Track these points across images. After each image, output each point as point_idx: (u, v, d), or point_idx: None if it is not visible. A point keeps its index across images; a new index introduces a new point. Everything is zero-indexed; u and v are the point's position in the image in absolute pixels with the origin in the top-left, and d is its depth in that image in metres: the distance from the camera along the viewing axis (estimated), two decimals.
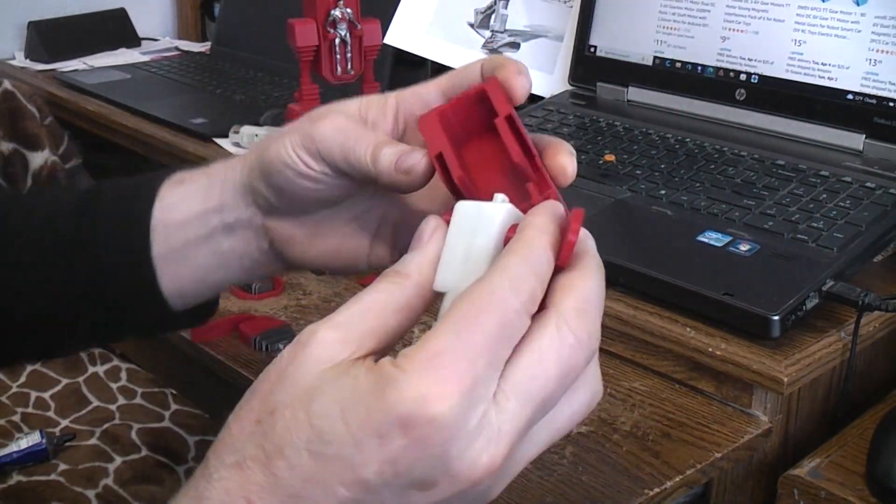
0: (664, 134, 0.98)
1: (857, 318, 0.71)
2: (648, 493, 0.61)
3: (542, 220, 0.39)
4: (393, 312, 0.39)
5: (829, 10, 0.92)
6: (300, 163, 0.48)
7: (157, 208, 0.53)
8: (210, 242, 0.54)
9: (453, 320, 0.35)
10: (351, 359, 0.37)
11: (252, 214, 0.53)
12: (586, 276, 0.38)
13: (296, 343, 0.38)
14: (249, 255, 0.54)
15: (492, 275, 0.37)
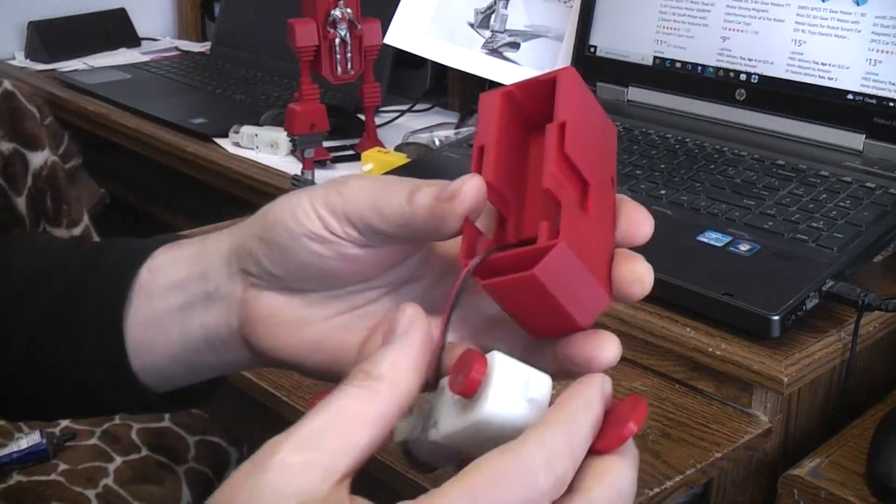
0: (664, 134, 0.98)
1: (857, 318, 0.71)
2: (648, 493, 0.61)
3: (590, 394, 0.35)
4: (366, 426, 0.33)
5: (829, 10, 0.92)
6: (317, 220, 0.41)
7: (144, 270, 0.47)
8: (186, 313, 0.46)
9: (472, 482, 0.31)
10: (321, 491, 0.31)
11: (234, 284, 0.45)
12: (623, 465, 0.34)
13: (254, 463, 0.32)
14: (218, 334, 0.46)
15: (526, 443, 0.32)
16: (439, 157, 1.04)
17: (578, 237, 0.35)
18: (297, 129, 0.95)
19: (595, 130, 0.39)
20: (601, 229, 0.38)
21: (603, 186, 0.39)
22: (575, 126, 0.37)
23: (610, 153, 0.41)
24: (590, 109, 0.40)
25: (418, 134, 1.18)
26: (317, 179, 0.97)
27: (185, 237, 0.49)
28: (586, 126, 0.38)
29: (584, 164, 0.37)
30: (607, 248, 0.38)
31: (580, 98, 0.38)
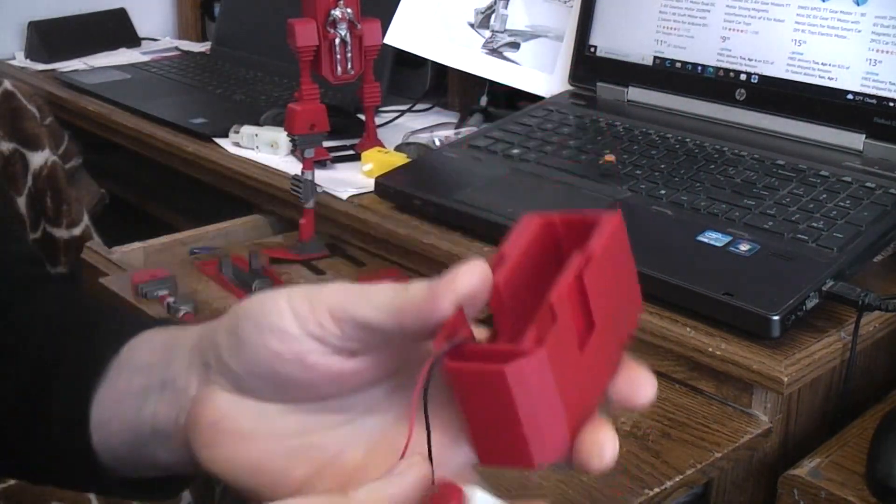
0: (664, 134, 0.98)
1: (857, 318, 0.71)
2: (648, 493, 0.61)
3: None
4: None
5: (829, 10, 0.92)
6: (288, 315, 0.38)
7: (126, 347, 0.46)
8: (143, 398, 0.44)
9: None
10: None
11: (191, 376, 0.42)
12: None
13: None
14: (166, 427, 0.43)
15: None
16: (439, 157, 1.04)
17: (563, 362, 0.33)
18: (297, 129, 0.95)
19: (620, 287, 0.38)
20: (591, 378, 0.35)
21: (608, 338, 0.36)
22: (601, 265, 0.35)
23: (627, 319, 0.38)
24: (623, 265, 0.38)
25: (418, 134, 1.18)
26: (317, 179, 0.97)
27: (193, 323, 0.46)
28: (613, 275, 0.37)
29: (597, 305, 0.35)
30: (589, 402, 0.35)
31: (618, 247, 0.37)
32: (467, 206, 0.89)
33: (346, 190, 1.02)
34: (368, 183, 1.02)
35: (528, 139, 1.01)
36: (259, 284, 0.89)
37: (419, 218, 0.94)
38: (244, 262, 0.94)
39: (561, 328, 0.33)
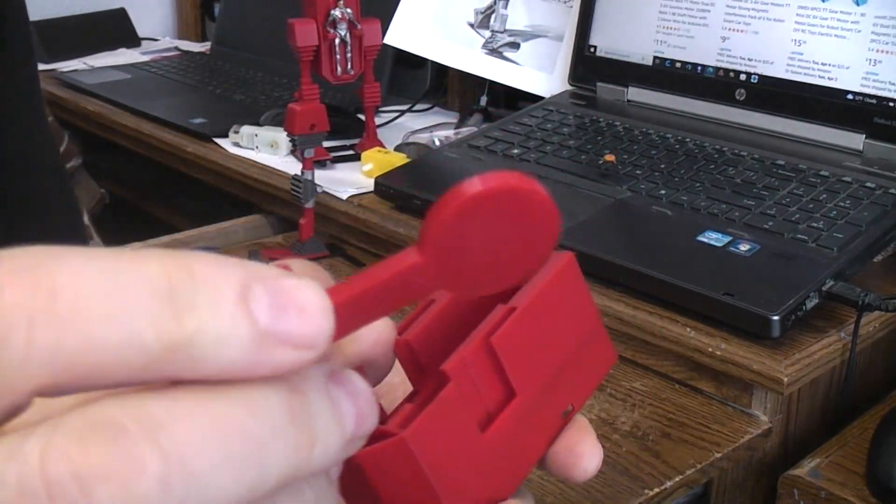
0: (664, 134, 0.98)
1: (857, 318, 0.71)
2: (648, 493, 0.61)
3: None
4: None
5: (829, 10, 0.92)
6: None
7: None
8: None
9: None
10: None
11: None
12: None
13: None
14: None
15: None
16: (439, 156, 1.04)
17: (445, 442, 0.27)
18: (297, 129, 0.95)
19: (569, 337, 0.31)
20: (503, 458, 0.29)
21: (544, 404, 0.30)
22: (529, 318, 0.29)
23: (584, 377, 0.32)
24: (574, 309, 0.31)
25: (418, 134, 1.18)
26: (317, 179, 0.97)
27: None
28: (552, 325, 0.30)
29: (519, 370, 0.29)
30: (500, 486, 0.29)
31: (565, 293, 0.30)
32: None
33: (346, 190, 1.02)
34: (368, 183, 1.02)
35: (528, 139, 1.01)
36: None
37: (419, 218, 0.94)
38: None
39: (449, 404, 0.27)
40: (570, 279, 0.31)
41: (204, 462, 0.16)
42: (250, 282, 0.17)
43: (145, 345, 0.16)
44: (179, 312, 0.16)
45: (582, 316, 0.31)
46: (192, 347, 0.16)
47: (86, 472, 0.15)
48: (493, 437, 0.28)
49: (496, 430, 0.28)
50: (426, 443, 0.26)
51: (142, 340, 0.16)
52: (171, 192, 1.43)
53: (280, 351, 0.17)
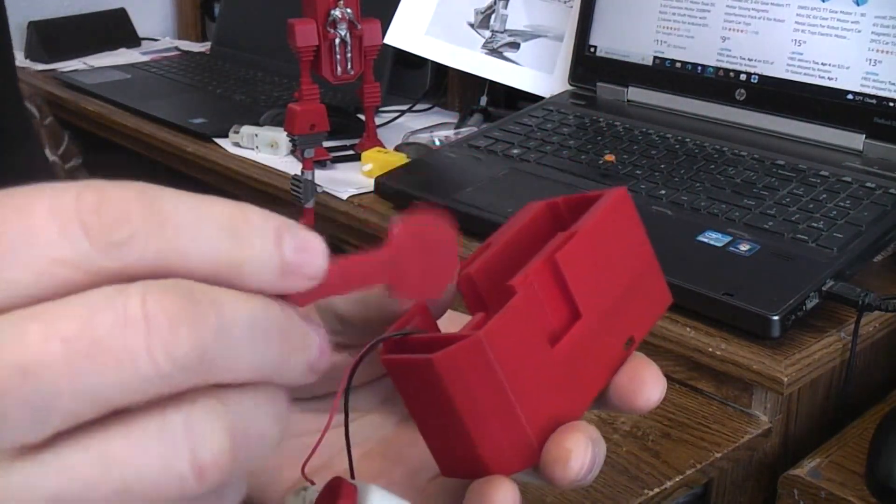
0: (664, 134, 0.98)
1: (857, 318, 0.71)
2: (648, 493, 0.61)
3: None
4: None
5: (829, 10, 0.92)
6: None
7: None
8: None
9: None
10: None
11: None
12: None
13: None
14: None
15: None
16: (439, 156, 1.04)
17: (523, 353, 0.28)
18: (297, 129, 0.95)
19: (626, 270, 0.32)
20: (573, 375, 0.30)
21: (606, 330, 0.31)
22: (591, 244, 0.30)
23: (642, 310, 0.33)
24: (630, 245, 0.32)
25: (418, 134, 1.18)
26: (317, 179, 0.97)
27: None
28: (612, 255, 0.31)
29: (583, 291, 0.30)
30: (568, 403, 0.30)
31: (620, 225, 0.32)
32: (467, 206, 0.89)
33: (346, 190, 1.02)
34: (368, 183, 1.02)
35: (528, 139, 1.01)
36: None
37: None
38: None
39: (519, 313, 0.28)
40: (623, 210, 0.32)
41: (238, 314, 0.22)
42: (282, 229, 0.24)
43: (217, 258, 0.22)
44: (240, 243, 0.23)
45: (637, 247, 0.33)
46: (244, 266, 0.23)
47: (171, 313, 0.20)
48: (561, 353, 0.29)
49: (564, 346, 0.29)
50: (500, 346, 0.27)
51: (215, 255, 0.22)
52: None
53: (294, 277, 0.24)
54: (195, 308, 0.21)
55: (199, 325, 0.21)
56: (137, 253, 0.21)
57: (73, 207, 0.21)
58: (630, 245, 0.32)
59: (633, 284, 0.32)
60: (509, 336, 0.28)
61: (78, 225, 0.21)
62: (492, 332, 0.27)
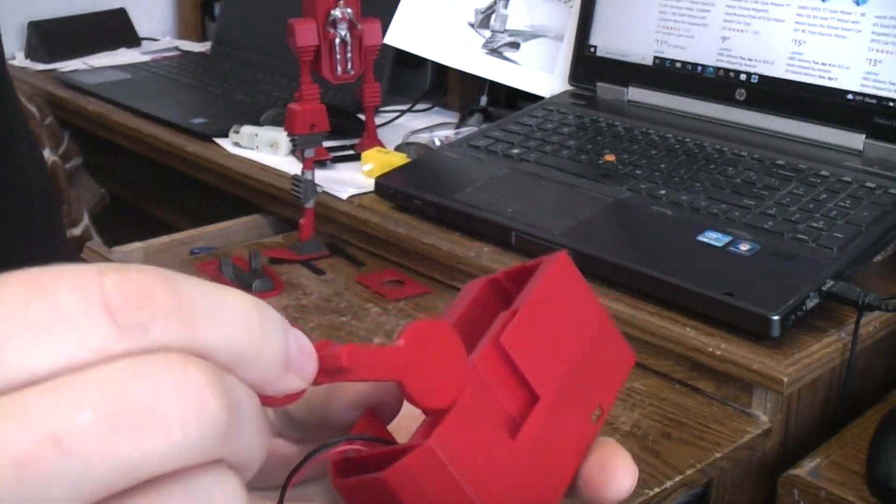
0: (664, 134, 0.98)
1: (857, 318, 0.71)
2: (648, 493, 0.61)
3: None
4: None
5: (829, 10, 0.92)
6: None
7: None
8: None
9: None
10: None
11: None
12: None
13: None
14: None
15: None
16: (439, 156, 1.04)
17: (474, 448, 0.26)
18: (297, 129, 0.95)
19: (580, 336, 0.30)
20: (539, 467, 0.28)
21: (570, 407, 0.29)
22: (533, 317, 0.28)
23: (604, 379, 0.31)
24: (578, 307, 0.30)
25: (418, 134, 1.18)
26: (317, 179, 0.97)
27: None
28: (559, 324, 0.29)
29: (536, 371, 0.28)
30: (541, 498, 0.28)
31: (565, 290, 0.30)
32: (467, 206, 0.89)
33: (346, 190, 1.02)
34: (368, 183, 1.02)
35: (528, 139, 1.01)
36: (259, 284, 0.89)
37: (419, 218, 0.94)
38: (244, 262, 0.94)
39: (469, 409, 0.26)
40: (566, 276, 0.30)
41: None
42: (287, 326, 0.24)
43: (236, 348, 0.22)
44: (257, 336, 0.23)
45: (587, 313, 0.31)
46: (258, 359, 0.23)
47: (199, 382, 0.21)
48: (523, 442, 0.27)
49: (525, 434, 0.27)
50: (454, 448, 0.25)
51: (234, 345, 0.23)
52: (171, 192, 1.43)
53: (293, 376, 0.24)
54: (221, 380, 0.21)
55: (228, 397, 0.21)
56: (160, 336, 0.21)
57: (96, 288, 0.21)
58: (578, 311, 0.30)
59: (590, 351, 0.30)
60: (463, 436, 0.26)
61: (101, 306, 0.21)
62: (443, 436, 0.25)
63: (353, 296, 0.90)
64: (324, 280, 0.93)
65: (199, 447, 0.21)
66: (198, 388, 0.21)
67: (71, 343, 0.20)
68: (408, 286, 0.92)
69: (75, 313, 0.21)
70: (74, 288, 0.21)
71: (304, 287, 0.92)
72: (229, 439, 0.21)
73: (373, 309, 0.87)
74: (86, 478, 0.20)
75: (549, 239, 0.82)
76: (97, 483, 0.20)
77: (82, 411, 0.20)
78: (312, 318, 0.85)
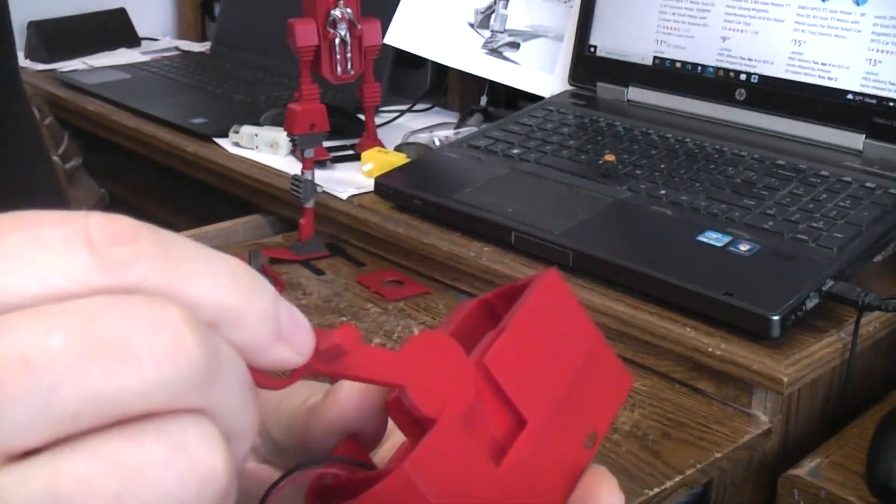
0: (664, 134, 0.98)
1: (857, 318, 0.71)
2: (648, 493, 0.61)
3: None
4: None
5: (829, 10, 0.92)
6: None
7: None
8: None
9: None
10: None
11: None
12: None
13: None
14: None
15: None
16: (439, 157, 1.04)
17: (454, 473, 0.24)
18: (297, 129, 0.95)
19: (571, 358, 0.28)
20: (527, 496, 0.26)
21: (558, 436, 0.27)
22: (520, 337, 0.27)
23: (600, 405, 0.29)
24: (569, 327, 0.29)
25: (418, 134, 1.18)
26: (317, 179, 0.97)
27: None
28: (549, 344, 0.28)
29: (523, 393, 0.26)
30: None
31: (555, 309, 0.28)
32: (467, 206, 0.89)
33: (346, 190, 1.02)
34: (368, 183, 1.02)
35: (528, 139, 1.01)
36: None
37: (419, 218, 0.94)
38: (244, 262, 0.94)
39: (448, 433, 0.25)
40: (556, 294, 0.29)
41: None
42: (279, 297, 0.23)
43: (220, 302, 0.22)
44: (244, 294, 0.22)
45: (579, 332, 0.29)
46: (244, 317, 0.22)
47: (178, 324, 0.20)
48: (509, 469, 0.26)
49: (511, 460, 0.26)
50: (430, 474, 0.24)
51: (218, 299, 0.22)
52: (171, 192, 1.43)
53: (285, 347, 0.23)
54: (201, 326, 0.21)
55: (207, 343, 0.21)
56: (141, 275, 0.21)
57: (80, 223, 0.21)
58: (569, 330, 0.29)
59: (583, 373, 0.28)
60: (441, 460, 0.24)
61: (83, 238, 0.20)
62: (419, 461, 0.24)
63: (353, 296, 0.90)
64: (324, 280, 0.93)
65: (173, 388, 0.20)
66: (176, 328, 0.20)
67: (50, 270, 0.20)
68: (408, 286, 0.92)
69: (57, 243, 0.20)
70: (59, 222, 0.21)
71: (304, 287, 0.92)
72: (207, 388, 0.21)
73: (373, 309, 0.87)
74: (53, 404, 0.19)
75: (549, 239, 0.82)
76: (65, 411, 0.19)
77: (54, 335, 0.19)
78: (312, 318, 0.85)
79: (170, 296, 0.21)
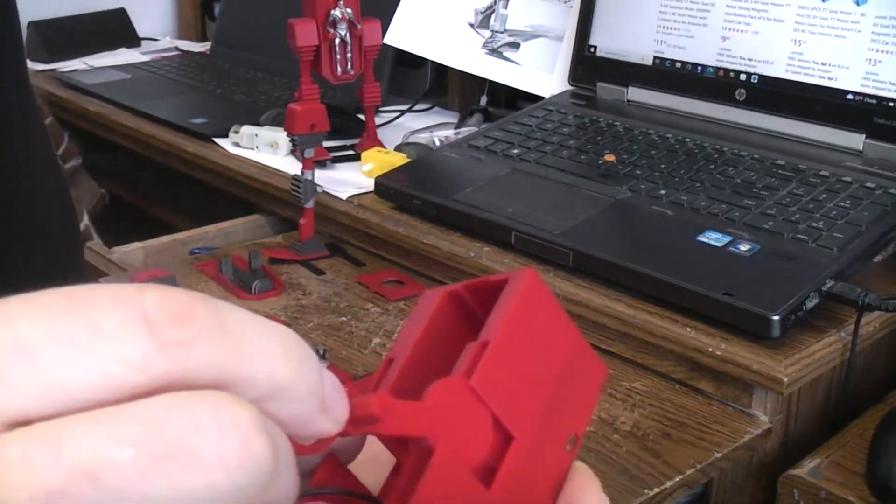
0: (664, 134, 0.98)
1: (857, 318, 0.71)
2: (648, 493, 0.61)
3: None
4: None
5: (829, 10, 0.92)
6: None
7: None
8: None
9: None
10: None
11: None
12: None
13: None
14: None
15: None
16: (439, 157, 1.04)
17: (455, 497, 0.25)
18: (297, 129, 0.95)
19: (555, 361, 0.27)
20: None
21: (543, 445, 0.27)
22: (506, 350, 0.26)
23: (580, 402, 0.29)
24: (551, 330, 0.28)
25: (418, 134, 1.18)
26: (317, 179, 0.97)
27: None
28: (533, 352, 0.27)
29: (510, 409, 0.26)
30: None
31: (537, 313, 0.27)
32: (467, 206, 0.89)
33: (346, 190, 1.02)
34: (368, 183, 1.02)
35: (528, 139, 1.01)
36: (259, 285, 0.89)
37: (419, 218, 0.94)
38: (244, 262, 0.94)
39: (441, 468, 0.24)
40: (537, 297, 0.27)
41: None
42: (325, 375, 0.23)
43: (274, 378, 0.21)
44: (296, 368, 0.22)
45: (560, 333, 0.28)
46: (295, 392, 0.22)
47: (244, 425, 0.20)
48: (499, 489, 0.25)
49: (501, 480, 0.25)
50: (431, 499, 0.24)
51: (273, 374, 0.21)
52: (171, 192, 1.43)
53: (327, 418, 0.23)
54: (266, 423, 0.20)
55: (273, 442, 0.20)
56: (201, 356, 0.20)
57: (137, 302, 0.20)
58: (551, 334, 0.28)
59: (564, 377, 0.28)
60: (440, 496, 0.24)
61: (141, 320, 0.20)
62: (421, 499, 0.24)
63: (352, 296, 0.90)
64: (324, 280, 0.93)
65: (245, 491, 0.20)
66: (243, 430, 0.20)
67: (108, 358, 0.19)
68: (408, 286, 0.92)
69: (114, 327, 0.19)
70: (114, 302, 0.20)
71: (304, 287, 0.92)
72: (272, 484, 0.20)
73: (373, 309, 0.87)
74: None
75: (549, 239, 0.82)
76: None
77: (120, 446, 0.19)
78: (312, 318, 0.85)
79: (227, 375, 0.21)
